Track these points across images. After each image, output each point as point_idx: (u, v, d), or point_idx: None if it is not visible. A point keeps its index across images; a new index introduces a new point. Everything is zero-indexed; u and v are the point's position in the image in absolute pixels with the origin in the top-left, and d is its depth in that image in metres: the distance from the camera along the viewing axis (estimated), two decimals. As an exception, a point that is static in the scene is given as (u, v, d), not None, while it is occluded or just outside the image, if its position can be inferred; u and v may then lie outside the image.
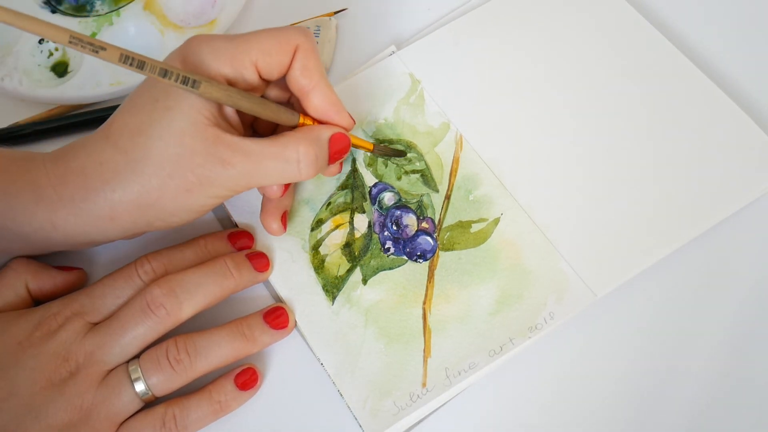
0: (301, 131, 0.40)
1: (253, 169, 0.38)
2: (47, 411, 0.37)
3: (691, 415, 0.42)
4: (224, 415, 0.41)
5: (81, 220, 0.38)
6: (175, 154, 0.37)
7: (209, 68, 0.38)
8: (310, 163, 0.39)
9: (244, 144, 0.38)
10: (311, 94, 0.41)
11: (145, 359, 0.39)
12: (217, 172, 0.37)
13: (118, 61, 0.34)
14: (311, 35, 0.41)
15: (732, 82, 0.50)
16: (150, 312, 0.39)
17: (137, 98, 0.38)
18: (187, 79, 0.36)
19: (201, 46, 0.38)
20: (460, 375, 0.41)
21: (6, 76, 0.49)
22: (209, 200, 0.39)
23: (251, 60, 0.39)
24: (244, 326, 0.41)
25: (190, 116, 0.37)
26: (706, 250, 0.46)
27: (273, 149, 0.38)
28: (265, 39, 0.39)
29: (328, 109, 0.41)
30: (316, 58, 0.40)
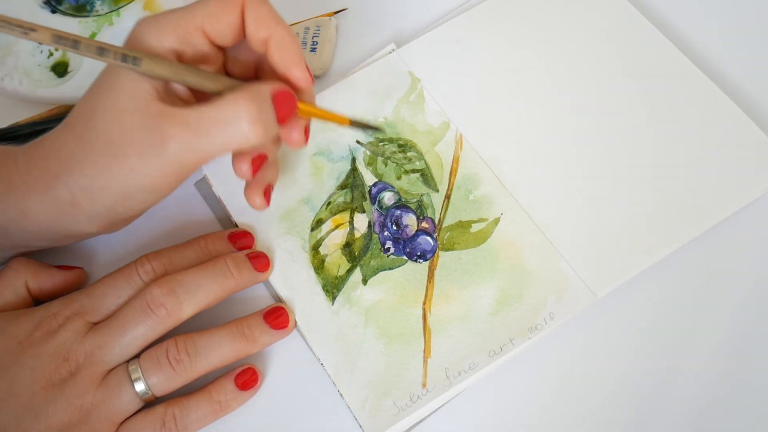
0: (239, 89, 0.37)
1: (195, 138, 0.36)
2: (47, 411, 0.37)
3: (691, 415, 0.42)
4: (224, 415, 0.41)
5: (47, 207, 0.38)
6: (117, 134, 0.36)
7: (150, 42, 0.37)
8: (252, 119, 0.36)
9: (183, 114, 0.36)
10: (268, 45, 0.38)
11: (145, 359, 0.39)
12: (159, 149, 0.36)
13: (50, 42, 0.34)
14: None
15: (732, 82, 0.50)
16: (150, 312, 0.39)
17: (91, 85, 0.39)
18: (126, 57, 0.36)
19: (143, 23, 0.38)
20: (460, 375, 0.41)
21: (6, 76, 0.49)
22: (161, 179, 0.37)
23: (196, 26, 0.37)
24: (244, 326, 0.41)
25: (131, 92, 0.36)
26: (706, 250, 0.46)
27: (212, 113, 0.36)
28: (209, 2, 0.38)
29: (285, 57, 0.38)
30: (268, 7, 0.38)
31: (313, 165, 0.47)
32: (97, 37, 0.51)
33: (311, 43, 0.51)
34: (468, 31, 0.51)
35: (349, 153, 0.48)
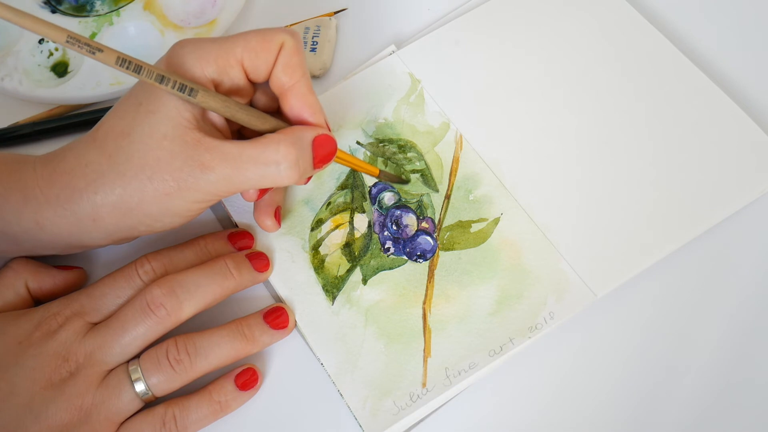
0: (282, 132, 0.39)
1: (233, 173, 0.37)
2: (47, 411, 0.37)
3: (691, 415, 0.42)
4: (224, 415, 0.40)
5: (65, 221, 0.38)
6: (154, 158, 0.37)
7: (192, 69, 0.38)
8: (291, 164, 0.38)
9: (224, 147, 0.37)
10: (289, 92, 0.40)
11: (145, 359, 0.39)
12: (196, 176, 0.37)
13: (114, 64, 0.35)
14: (298, 36, 0.40)
15: (732, 81, 0.50)
16: (150, 312, 0.39)
17: (124, 102, 0.39)
18: (184, 87, 0.36)
19: (185, 48, 0.38)
20: (460, 375, 0.41)
21: (6, 76, 0.49)
22: (191, 205, 0.38)
23: (237, 59, 0.38)
24: (244, 326, 0.41)
25: (172, 119, 0.37)
26: (706, 250, 0.46)
27: (252, 151, 0.38)
28: (252, 37, 0.39)
29: (302, 109, 0.40)
30: (300, 58, 0.40)
31: (313, 165, 0.47)
32: (96, 38, 0.51)
33: (311, 43, 0.51)
34: (468, 32, 0.52)
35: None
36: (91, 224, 0.38)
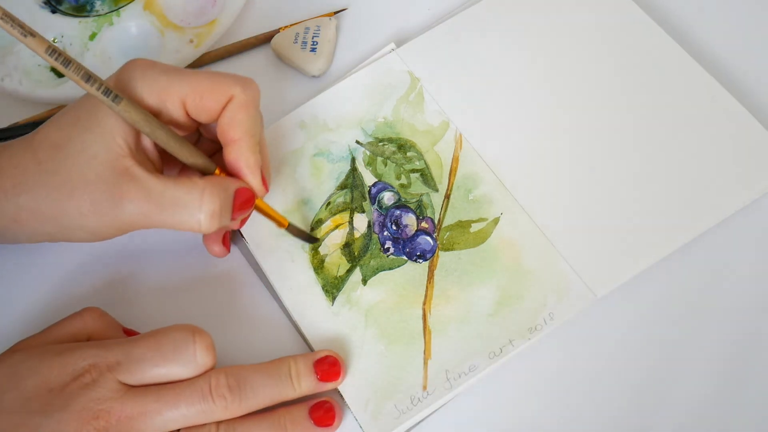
0: (209, 179, 0.39)
1: (151, 210, 0.37)
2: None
3: (691, 415, 0.42)
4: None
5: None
6: (79, 176, 0.37)
7: (134, 91, 0.38)
8: (211, 214, 0.38)
9: (149, 182, 0.37)
10: (230, 146, 0.39)
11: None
12: (113, 205, 0.37)
13: (43, 53, 0.35)
14: (253, 89, 0.40)
15: (735, 79, 0.50)
16: (210, 398, 0.37)
17: (66, 113, 0.39)
18: (109, 92, 0.36)
19: (135, 70, 0.38)
20: (460, 378, 0.41)
21: (6, 76, 0.49)
22: (106, 229, 0.38)
23: (180, 96, 0.38)
24: (287, 420, 0.39)
25: (105, 142, 0.37)
26: (706, 250, 0.45)
27: (175, 192, 0.37)
28: (202, 80, 0.39)
29: (241, 168, 0.40)
30: (248, 115, 0.39)
31: (312, 165, 0.47)
32: (97, 37, 0.51)
33: (311, 43, 0.51)
34: (467, 30, 0.51)
35: (348, 153, 0.48)
36: (13, 224, 0.38)
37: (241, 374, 0.39)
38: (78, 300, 0.44)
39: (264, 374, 0.39)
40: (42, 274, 0.46)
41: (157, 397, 0.37)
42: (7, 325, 0.44)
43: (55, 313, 0.43)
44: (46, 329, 0.41)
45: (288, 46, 0.51)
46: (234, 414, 0.38)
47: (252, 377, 0.39)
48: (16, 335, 0.41)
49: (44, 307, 0.45)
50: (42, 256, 0.46)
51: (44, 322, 0.42)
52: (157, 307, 0.45)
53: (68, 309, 0.42)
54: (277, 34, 0.52)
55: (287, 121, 0.49)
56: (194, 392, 0.37)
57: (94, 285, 0.45)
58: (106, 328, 0.41)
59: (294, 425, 0.39)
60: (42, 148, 0.38)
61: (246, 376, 0.39)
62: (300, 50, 0.51)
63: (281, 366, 0.40)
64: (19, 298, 0.45)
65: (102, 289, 0.45)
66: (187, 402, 0.37)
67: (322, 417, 0.40)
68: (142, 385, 0.38)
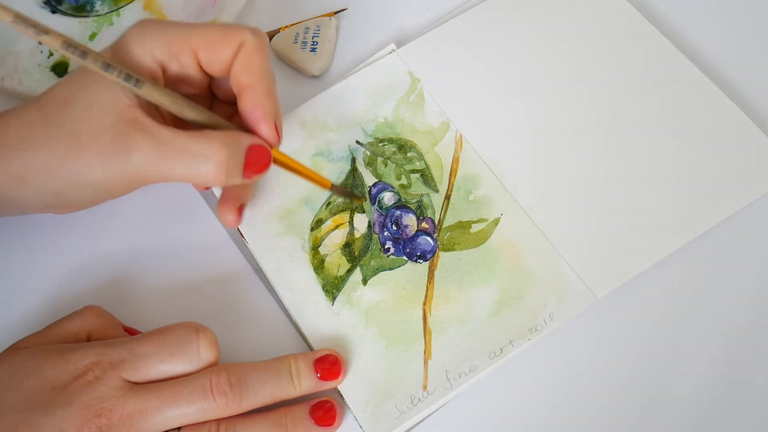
0: (221, 132, 0.38)
1: (159, 159, 0.36)
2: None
3: (691, 415, 0.42)
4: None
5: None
6: (86, 128, 0.36)
7: (143, 46, 0.37)
8: (219, 164, 0.37)
9: (158, 131, 0.37)
10: (245, 92, 0.39)
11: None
12: (120, 154, 0.36)
13: (60, 48, 0.35)
14: (263, 35, 0.39)
15: (732, 83, 0.50)
16: (210, 396, 0.37)
17: (74, 73, 0.39)
18: (130, 77, 0.36)
19: (145, 27, 0.38)
20: (460, 378, 0.41)
21: (6, 76, 0.49)
22: (113, 183, 0.37)
23: (191, 47, 0.38)
24: (288, 419, 0.39)
25: (113, 92, 0.37)
26: (706, 250, 0.46)
27: (184, 141, 0.37)
28: (212, 30, 0.38)
29: (255, 111, 0.39)
30: (261, 58, 0.39)
31: (313, 165, 0.47)
32: (97, 37, 0.51)
33: (311, 43, 0.51)
34: (468, 31, 0.51)
35: (348, 153, 0.48)
36: (17, 182, 0.38)
37: (242, 372, 0.38)
38: (78, 300, 0.44)
39: (265, 372, 0.39)
40: (42, 274, 0.46)
41: (157, 395, 0.37)
42: (7, 325, 0.44)
43: (55, 313, 0.43)
44: (46, 327, 0.41)
45: (288, 46, 0.51)
46: (234, 411, 0.38)
47: (253, 375, 0.39)
48: (16, 335, 0.41)
49: (44, 307, 0.45)
50: (42, 256, 0.46)
51: (44, 321, 0.42)
52: (158, 307, 0.45)
53: (68, 309, 0.42)
54: (277, 34, 0.52)
55: (287, 120, 0.49)
56: (195, 389, 0.37)
57: (94, 285, 0.45)
58: (106, 326, 0.41)
59: (294, 424, 0.39)
60: (49, 104, 0.38)
61: (247, 373, 0.39)
62: (300, 50, 0.51)
63: (282, 364, 0.40)
64: (19, 298, 0.45)
65: (102, 289, 0.45)
66: (188, 399, 0.37)
67: (322, 416, 0.40)
68: (146, 382, 0.38)
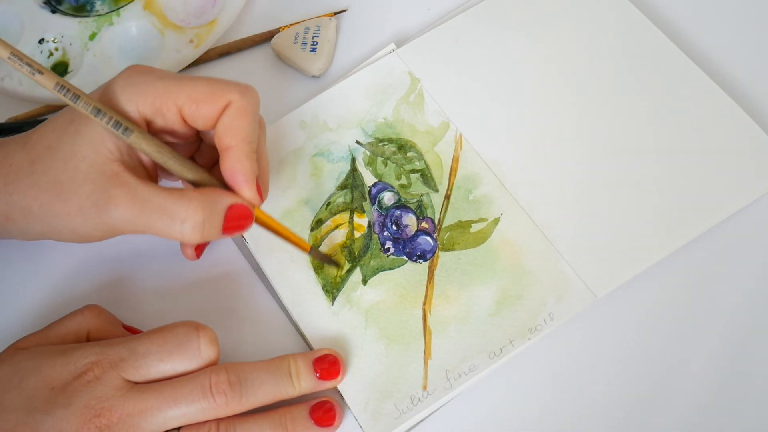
0: (200, 191, 0.38)
1: (136, 216, 0.37)
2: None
3: (691, 415, 0.42)
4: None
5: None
6: (68, 178, 0.37)
7: (128, 102, 0.37)
8: (194, 225, 0.37)
9: (137, 188, 0.37)
10: (226, 153, 0.38)
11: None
12: (99, 208, 0.37)
13: (52, 89, 0.35)
14: (251, 95, 0.39)
15: (733, 81, 0.50)
16: (210, 395, 0.37)
17: (62, 114, 0.39)
18: (119, 125, 0.36)
19: (131, 77, 0.38)
20: (460, 378, 0.41)
21: (6, 76, 0.49)
22: (93, 231, 0.38)
23: (176, 104, 0.38)
24: (287, 419, 0.39)
25: (95, 146, 0.37)
26: (706, 250, 0.45)
27: (162, 201, 0.37)
28: (199, 87, 0.38)
29: (235, 175, 0.38)
30: (245, 121, 0.38)
31: (312, 165, 0.47)
32: (97, 37, 0.51)
33: (311, 43, 0.51)
34: (468, 30, 0.51)
35: (348, 153, 0.48)
36: (5, 221, 0.39)
37: (241, 371, 0.39)
38: (78, 300, 0.44)
39: (264, 371, 0.39)
40: (42, 274, 0.46)
41: (157, 395, 0.37)
42: (7, 325, 0.44)
43: (55, 313, 0.43)
44: (46, 327, 0.41)
45: (288, 46, 0.51)
46: (234, 410, 0.38)
47: (252, 374, 0.39)
48: (16, 335, 0.41)
49: (44, 307, 0.45)
50: (42, 256, 0.46)
51: (44, 321, 0.42)
52: (158, 307, 0.45)
53: (68, 309, 0.42)
54: (277, 34, 0.52)
55: (287, 121, 0.49)
56: (194, 389, 0.37)
57: (94, 285, 0.45)
58: (106, 324, 0.41)
59: (294, 425, 0.39)
60: (36, 148, 0.38)
61: (246, 372, 0.39)
62: (300, 50, 0.51)
63: (281, 364, 0.40)
64: (19, 298, 0.45)
65: (102, 289, 0.45)
66: (187, 399, 0.37)
67: (322, 417, 0.40)
68: (147, 381, 0.38)
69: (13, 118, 0.50)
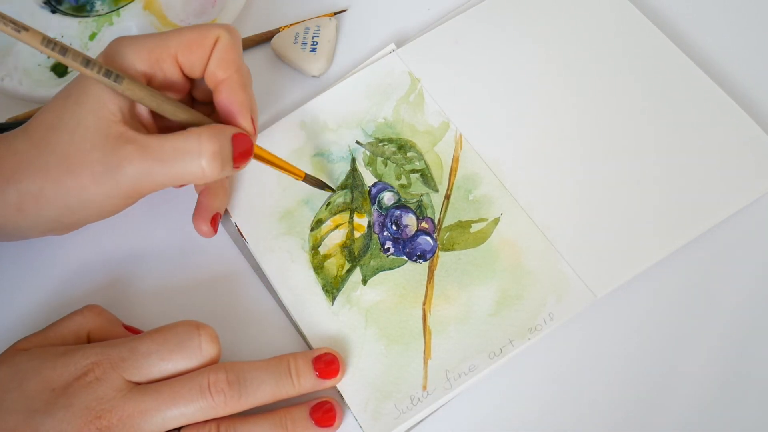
0: (204, 126, 0.38)
1: (152, 165, 0.37)
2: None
3: (691, 416, 0.42)
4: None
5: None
6: (76, 149, 0.37)
7: (123, 63, 0.38)
8: (212, 156, 0.37)
9: (146, 140, 0.37)
10: (220, 86, 0.39)
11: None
12: (113, 170, 0.37)
13: (39, 45, 0.35)
14: (236, 32, 0.40)
15: (733, 81, 0.50)
16: (208, 394, 0.37)
17: (57, 95, 0.39)
18: (110, 73, 0.36)
19: (122, 42, 0.39)
20: (460, 378, 0.41)
21: (6, 76, 0.49)
22: (111, 200, 0.38)
23: (170, 53, 0.39)
24: (288, 419, 0.39)
25: (97, 111, 0.37)
26: (706, 250, 0.45)
27: (173, 143, 0.37)
28: (187, 33, 0.39)
29: (231, 105, 0.39)
30: (235, 54, 0.39)
31: (313, 165, 0.47)
32: (97, 37, 0.51)
33: (311, 43, 0.51)
34: (468, 31, 0.51)
35: (348, 153, 0.48)
36: (17, 214, 0.38)
37: (240, 370, 0.39)
38: (78, 300, 0.44)
39: (263, 371, 0.39)
40: (42, 274, 0.46)
41: (156, 395, 0.37)
42: (7, 325, 0.44)
43: (55, 313, 0.43)
44: (47, 327, 0.41)
45: (288, 46, 0.51)
46: (234, 410, 0.38)
47: (252, 373, 0.39)
48: (16, 335, 0.41)
49: (44, 307, 0.45)
50: (42, 256, 0.46)
51: (44, 321, 0.42)
52: (158, 307, 0.45)
53: (68, 309, 0.42)
54: (277, 34, 0.52)
55: (287, 121, 0.49)
56: (193, 389, 0.37)
57: (94, 285, 0.45)
58: (106, 324, 0.41)
59: (295, 425, 0.39)
60: (37, 131, 0.38)
61: (246, 372, 0.39)
62: (300, 50, 0.51)
63: (281, 363, 0.40)
64: (19, 298, 0.45)
65: (102, 289, 0.45)
66: (186, 399, 0.37)
67: (322, 417, 0.40)
68: (148, 380, 0.38)
69: (13, 118, 0.50)
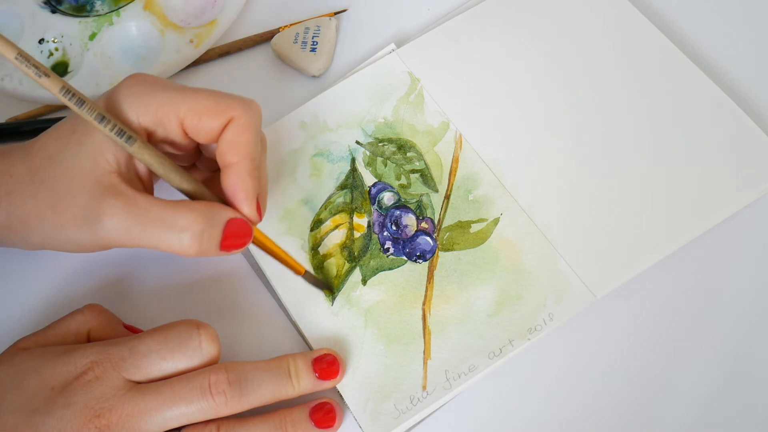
0: (201, 203, 0.38)
1: (132, 226, 0.36)
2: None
3: (690, 415, 0.42)
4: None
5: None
6: (65, 189, 0.37)
7: (129, 113, 0.37)
8: (193, 235, 0.36)
9: (135, 198, 0.37)
10: (228, 169, 0.38)
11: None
12: (92, 220, 0.36)
13: (57, 93, 0.35)
14: (254, 110, 0.39)
15: (732, 81, 0.50)
16: (209, 395, 0.37)
17: (65, 123, 0.39)
18: (122, 133, 0.36)
19: (134, 86, 0.38)
20: (460, 378, 0.41)
21: (6, 76, 0.49)
22: (87, 243, 0.38)
23: (178, 115, 0.37)
24: (288, 422, 0.39)
25: (94, 157, 0.37)
26: (706, 250, 0.45)
27: (161, 211, 0.36)
28: (202, 100, 0.38)
29: (236, 192, 0.38)
30: (249, 137, 0.38)
31: (312, 165, 0.47)
32: (97, 37, 0.51)
33: (311, 43, 0.51)
34: (467, 30, 0.51)
35: (348, 153, 0.48)
36: (6, 231, 0.39)
37: (240, 371, 0.38)
38: (78, 300, 0.45)
39: (264, 371, 0.39)
40: (42, 274, 0.46)
41: (156, 395, 0.37)
42: (7, 325, 0.44)
43: (55, 313, 0.43)
44: (47, 327, 0.41)
45: (288, 46, 0.51)
46: (234, 410, 0.38)
47: (252, 373, 0.39)
48: (16, 335, 0.41)
49: (44, 307, 0.45)
50: (42, 256, 0.46)
51: (44, 322, 0.42)
52: (158, 307, 0.45)
53: (68, 308, 0.42)
54: (277, 34, 0.52)
55: (287, 121, 0.49)
56: (193, 389, 0.37)
57: (94, 285, 0.45)
58: (106, 323, 0.41)
59: (295, 427, 0.39)
60: (37, 157, 0.38)
61: (246, 372, 0.39)
62: (300, 50, 0.51)
63: (281, 363, 0.40)
64: (19, 298, 0.45)
65: (102, 289, 0.45)
66: (186, 399, 0.37)
67: (322, 418, 0.40)
68: (148, 380, 0.38)
69: (13, 118, 0.50)
